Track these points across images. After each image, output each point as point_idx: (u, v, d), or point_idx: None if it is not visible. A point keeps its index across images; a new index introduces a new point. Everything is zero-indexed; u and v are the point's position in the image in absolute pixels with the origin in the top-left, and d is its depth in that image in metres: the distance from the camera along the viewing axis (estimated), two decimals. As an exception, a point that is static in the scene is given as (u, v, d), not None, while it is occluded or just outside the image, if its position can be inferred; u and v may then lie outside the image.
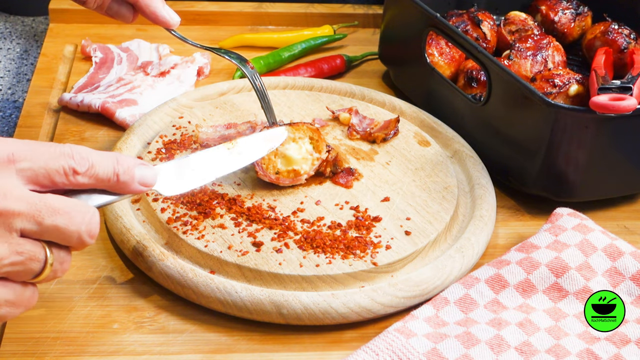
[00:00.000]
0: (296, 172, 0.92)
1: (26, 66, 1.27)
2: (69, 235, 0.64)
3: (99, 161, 0.66)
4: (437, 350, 0.76)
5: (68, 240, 0.64)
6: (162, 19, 0.94)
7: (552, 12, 1.25)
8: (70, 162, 0.64)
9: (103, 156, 0.67)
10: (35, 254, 0.63)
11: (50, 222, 0.63)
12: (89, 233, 0.65)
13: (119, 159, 0.68)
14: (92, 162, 0.66)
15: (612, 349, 0.79)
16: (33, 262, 0.63)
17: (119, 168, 0.68)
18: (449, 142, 1.05)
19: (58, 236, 0.64)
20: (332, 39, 1.32)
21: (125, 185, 0.69)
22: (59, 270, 0.65)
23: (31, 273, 0.64)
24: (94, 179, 0.66)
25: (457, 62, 1.15)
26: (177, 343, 0.79)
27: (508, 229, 0.98)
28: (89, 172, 0.65)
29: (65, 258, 0.65)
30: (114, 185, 0.68)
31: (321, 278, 0.82)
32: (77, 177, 0.65)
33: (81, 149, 0.66)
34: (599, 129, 0.94)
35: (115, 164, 0.68)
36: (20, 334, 0.77)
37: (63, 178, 0.64)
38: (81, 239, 0.64)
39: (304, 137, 0.93)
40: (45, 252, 0.64)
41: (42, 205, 0.62)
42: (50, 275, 0.65)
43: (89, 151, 0.66)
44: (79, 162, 0.65)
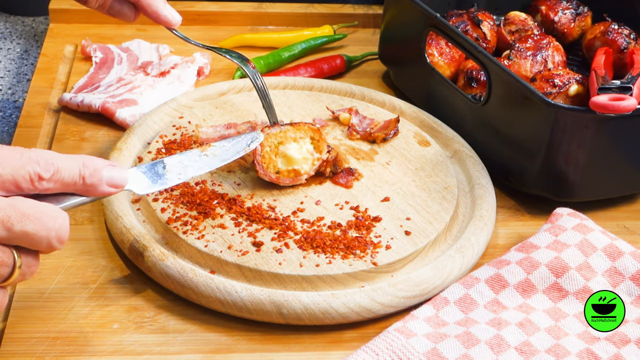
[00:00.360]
0: (296, 171, 0.92)
1: (26, 66, 1.27)
2: (38, 241, 0.64)
3: (65, 166, 0.66)
4: (437, 350, 0.76)
5: (37, 245, 0.64)
6: (164, 18, 0.94)
7: (552, 12, 1.25)
8: (35, 167, 0.64)
9: (69, 160, 0.67)
10: (4, 260, 0.63)
11: (19, 228, 0.62)
12: (58, 238, 0.64)
13: (86, 162, 0.68)
14: (57, 167, 0.65)
15: (612, 349, 0.79)
16: (1, 268, 0.63)
17: (85, 171, 0.67)
18: (449, 142, 1.05)
19: (27, 241, 0.64)
20: (332, 39, 1.32)
21: (93, 188, 0.68)
22: (27, 273, 0.65)
23: (0, 278, 0.64)
24: (60, 183, 0.66)
25: (457, 62, 1.15)
26: (177, 343, 0.79)
27: (508, 229, 0.98)
28: (54, 177, 0.65)
29: (33, 262, 0.65)
30: (80, 189, 0.68)
31: (321, 278, 0.82)
32: (43, 183, 0.65)
33: (47, 153, 0.65)
34: (599, 129, 0.94)
35: (81, 167, 0.67)
36: (20, 334, 0.77)
37: (29, 184, 0.64)
38: (50, 244, 0.64)
39: (305, 137, 0.93)
40: (14, 257, 0.64)
41: (11, 211, 0.62)
42: (18, 278, 0.65)
43: (55, 156, 0.66)
44: (44, 167, 0.65)
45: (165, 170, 0.78)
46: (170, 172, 0.79)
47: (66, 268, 0.85)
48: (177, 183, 0.79)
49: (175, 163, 0.80)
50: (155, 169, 0.78)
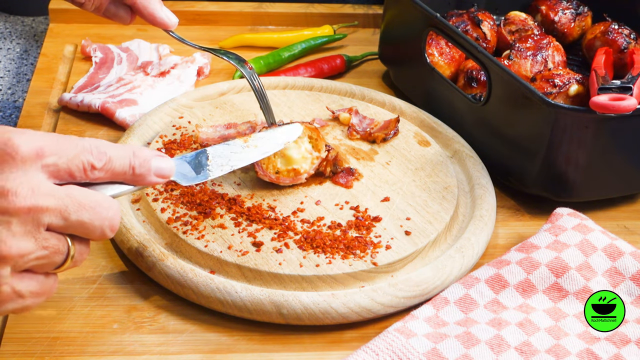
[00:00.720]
0: (296, 171, 0.92)
1: (26, 66, 1.27)
2: (93, 230, 0.65)
3: (116, 155, 0.67)
4: (437, 350, 0.76)
5: (91, 234, 0.66)
6: (160, 20, 0.94)
7: (552, 12, 1.25)
8: (89, 157, 0.65)
9: (120, 150, 0.68)
10: (60, 248, 0.64)
11: (76, 218, 0.64)
12: (110, 228, 0.66)
13: (136, 152, 0.69)
14: (109, 157, 0.67)
15: (612, 349, 0.79)
16: (57, 256, 0.65)
17: (135, 161, 0.69)
18: (449, 142, 1.05)
19: (82, 230, 0.65)
20: (332, 39, 1.32)
21: (142, 178, 0.69)
22: (79, 260, 0.67)
23: (54, 265, 0.65)
24: (111, 172, 0.67)
25: (457, 62, 1.15)
26: (177, 343, 0.79)
27: (508, 229, 0.98)
28: (106, 167, 0.66)
29: (84, 249, 0.67)
30: (130, 178, 0.69)
31: (321, 278, 0.82)
32: (95, 172, 0.66)
33: (100, 143, 0.67)
34: (599, 129, 0.94)
35: (131, 157, 0.68)
36: (20, 334, 0.77)
37: (82, 173, 0.65)
38: (103, 233, 0.66)
39: (303, 136, 0.93)
40: (68, 245, 0.65)
41: (68, 201, 0.63)
42: (70, 266, 0.66)
43: (107, 145, 0.67)
44: (97, 157, 0.66)
45: (209, 160, 0.79)
46: (213, 163, 0.79)
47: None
48: (220, 174, 0.80)
49: (218, 153, 0.80)
50: (198, 159, 0.78)
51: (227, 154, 0.81)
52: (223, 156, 0.80)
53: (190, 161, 0.78)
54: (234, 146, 0.82)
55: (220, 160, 0.80)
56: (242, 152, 0.82)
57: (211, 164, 0.79)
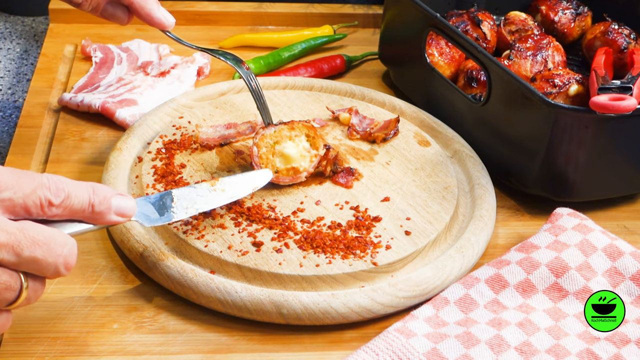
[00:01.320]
0: (295, 169, 0.92)
1: (26, 66, 1.27)
2: (46, 267, 0.64)
3: (75, 192, 0.66)
4: (437, 350, 0.76)
5: (44, 271, 0.64)
6: (157, 21, 0.94)
7: (552, 12, 1.25)
8: (47, 193, 0.64)
9: (79, 187, 0.67)
10: (11, 284, 0.63)
11: (28, 254, 0.63)
12: (65, 265, 0.65)
13: (96, 189, 0.68)
14: (67, 193, 0.65)
15: (612, 349, 0.79)
16: (8, 292, 0.63)
17: (94, 199, 0.67)
18: (449, 142, 1.05)
19: (35, 267, 0.64)
20: (332, 39, 1.32)
21: (101, 216, 0.68)
22: (32, 298, 0.66)
23: (5, 302, 0.64)
24: (69, 210, 0.66)
25: (457, 62, 1.15)
26: (177, 343, 0.79)
27: (508, 229, 0.98)
28: (64, 203, 0.65)
29: (39, 287, 0.66)
30: (89, 216, 0.68)
31: (321, 278, 0.82)
32: (52, 209, 0.65)
33: (58, 179, 0.65)
34: (599, 129, 0.94)
35: (91, 194, 0.67)
36: (20, 334, 0.77)
37: (38, 209, 0.64)
38: (57, 271, 0.65)
39: (300, 134, 0.92)
40: (21, 282, 0.64)
41: (21, 237, 0.62)
42: (23, 303, 0.65)
43: (66, 182, 0.66)
44: (55, 193, 0.65)
45: (173, 202, 0.79)
46: (177, 205, 0.79)
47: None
48: (183, 218, 0.80)
49: (183, 196, 0.80)
50: (163, 200, 0.78)
51: (192, 197, 0.81)
52: (188, 199, 0.80)
53: (155, 202, 0.77)
54: (200, 189, 0.82)
55: (185, 202, 0.80)
56: (209, 195, 0.82)
57: (175, 206, 0.79)
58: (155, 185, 0.91)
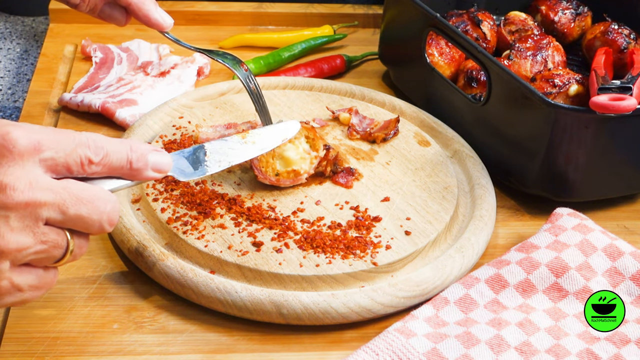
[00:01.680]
0: (296, 172, 0.92)
1: (26, 66, 1.27)
2: (91, 224, 0.65)
3: (113, 150, 0.67)
4: (437, 350, 0.76)
5: (89, 228, 0.65)
6: (155, 22, 0.94)
7: (552, 12, 1.25)
8: (86, 151, 0.65)
9: (117, 144, 0.68)
10: (59, 242, 0.64)
11: (74, 212, 0.64)
12: (109, 222, 0.66)
13: (133, 146, 0.69)
14: (106, 151, 0.66)
15: (612, 349, 0.79)
16: (56, 250, 0.64)
17: (132, 155, 0.68)
18: (449, 142, 1.05)
19: (81, 225, 0.65)
20: (332, 39, 1.32)
21: (139, 172, 0.69)
22: (78, 254, 0.67)
23: (53, 259, 0.65)
24: (108, 167, 0.67)
25: (457, 62, 1.15)
26: (177, 343, 0.79)
27: (508, 229, 0.98)
28: (104, 161, 0.66)
29: (83, 243, 0.67)
30: (127, 173, 0.69)
31: (321, 278, 0.82)
32: (92, 167, 0.66)
33: (97, 137, 0.66)
34: (599, 129, 0.94)
35: (129, 151, 0.68)
36: (20, 334, 0.77)
37: (79, 167, 0.65)
38: (102, 227, 0.66)
39: (300, 136, 0.92)
40: (67, 239, 0.65)
41: (66, 195, 0.63)
42: (69, 259, 0.66)
43: (105, 139, 0.67)
44: (95, 151, 0.66)
45: (206, 156, 0.79)
46: (210, 158, 0.79)
47: (66, 268, 0.85)
48: (217, 170, 0.79)
49: (215, 149, 0.80)
50: (196, 154, 0.78)
51: (224, 150, 0.81)
52: (221, 152, 0.80)
53: (188, 156, 0.77)
54: (232, 142, 0.82)
55: (218, 156, 0.80)
56: (240, 148, 0.82)
57: (209, 160, 0.79)
58: (156, 185, 0.91)
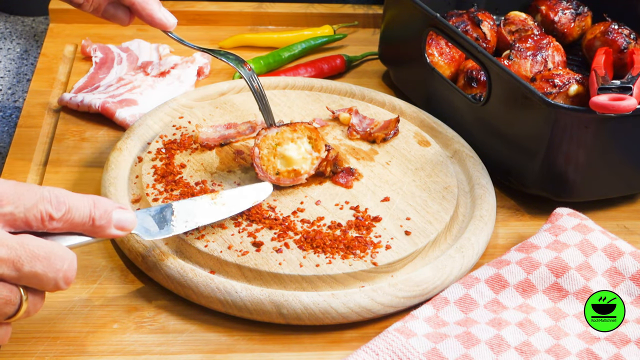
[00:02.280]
0: (296, 172, 0.92)
1: (26, 66, 1.27)
2: (46, 282, 0.64)
3: (76, 205, 0.66)
4: (437, 350, 0.76)
5: (44, 285, 0.64)
6: (159, 21, 0.94)
7: (552, 12, 1.25)
8: (48, 207, 0.64)
9: (80, 200, 0.67)
10: (11, 299, 0.63)
11: (29, 269, 0.63)
12: (65, 280, 0.65)
13: (96, 203, 0.68)
14: (68, 207, 0.65)
15: (612, 349, 0.79)
16: (7, 307, 0.64)
17: (95, 212, 0.67)
18: (449, 142, 1.05)
19: (35, 282, 0.64)
20: (332, 39, 1.32)
21: (101, 230, 0.68)
22: (32, 311, 0.66)
23: (4, 315, 0.64)
24: (69, 223, 0.66)
25: (457, 62, 1.15)
26: (177, 343, 0.79)
27: (508, 229, 0.98)
28: (65, 217, 0.65)
29: (38, 301, 0.66)
30: (89, 229, 0.68)
31: (321, 278, 0.82)
32: (53, 223, 0.65)
33: (59, 192, 0.65)
34: (599, 129, 0.94)
35: (92, 207, 0.67)
36: (20, 334, 0.77)
37: (39, 223, 0.64)
38: (57, 285, 0.65)
39: (302, 136, 0.93)
40: (21, 296, 0.64)
41: (22, 251, 0.62)
42: (22, 316, 0.65)
43: (67, 195, 0.66)
44: (56, 207, 0.65)
45: (173, 216, 0.79)
46: (177, 218, 0.80)
47: (66, 268, 0.85)
48: (183, 231, 0.81)
49: (183, 209, 0.81)
50: (163, 213, 0.79)
51: (193, 210, 0.81)
52: (188, 212, 0.81)
53: (154, 215, 0.78)
54: (201, 202, 0.83)
55: (186, 216, 0.80)
56: (209, 208, 0.83)
57: (175, 220, 0.79)
58: (155, 185, 0.91)
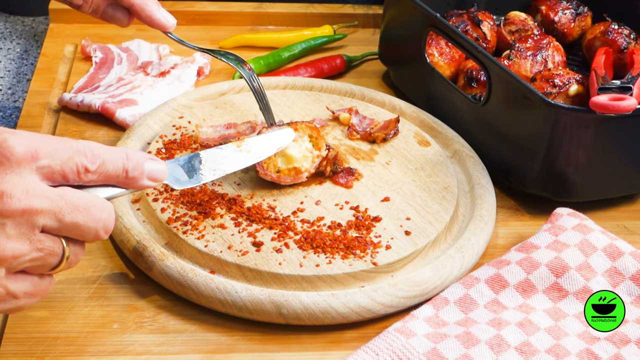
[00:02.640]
0: (297, 170, 0.92)
1: (26, 66, 1.27)
2: (87, 232, 0.65)
3: (109, 158, 0.67)
4: (437, 350, 0.76)
5: (85, 236, 0.66)
6: (158, 22, 0.94)
7: (552, 12, 1.25)
8: (83, 160, 0.65)
9: (113, 152, 0.68)
10: (54, 250, 0.64)
11: (70, 220, 0.64)
12: (105, 229, 0.66)
13: (129, 155, 0.69)
14: (103, 160, 0.66)
15: (612, 349, 0.79)
16: (52, 257, 0.65)
17: (128, 164, 0.68)
18: (449, 142, 1.05)
19: (76, 232, 0.65)
20: (332, 39, 1.32)
21: (134, 181, 0.69)
22: (74, 262, 0.67)
23: (49, 267, 0.65)
24: (104, 175, 0.67)
25: (457, 62, 1.15)
26: (177, 343, 0.79)
27: (508, 229, 0.98)
28: (100, 170, 0.66)
29: (79, 251, 0.67)
30: (123, 181, 0.69)
31: (321, 278, 0.82)
32: (88, 175, 0.66)
33: (93, 145, 0.66)
34: (599, 129, 0.94)
35: (125, 159, 0.68)
36: (20, 334, 0.77)
37: (75, 176, 0.65)
38: (97, 235, 0.66)
39: (303, 135, 0.93)
40: (63, 247, 0.65)
41: (63, 203, 0.63)
42: (65, 267, 0.66)
43: (101, 148, 0.67)
44: (91, 159, 0.66)
45: (202, 165, 0.79)
46: (205, 167, 0.80)
47: (66, 268, 0.85)
48: (212, 179, 0.80)
49: (211, 157, 0.81)
50: (191, 162, 0.79)
51: (219, 158, 0.81)
52: (216, 160, 0.81)
53: (183, 165, 0.78)
54: (227, 150, 0.83)
55: (213, 164, 0.80)
56: (235, 156, 0.83)
57: (204, 168, 0.79)
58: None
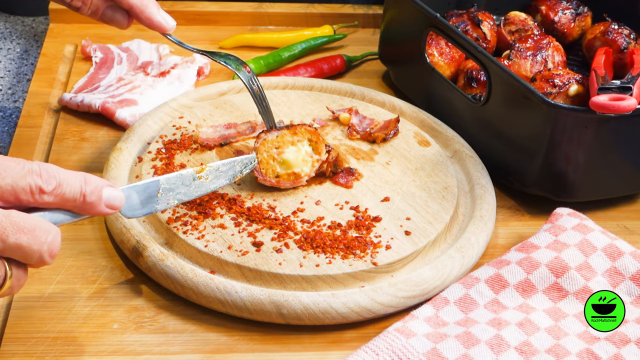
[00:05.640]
0: (296, 174, 0.92)
1: (26, 66, 1.27)
2: (31, 254, 0.64)
3: (66, 180, 0.66)
4: (437, 350, 0.76)
5: (29, 259, 0.64)
6: (158, 24, 0.94)
7: (552, 12, 1.25)
8: (37, 180, 0.64)
9: (71, 175, 0.66)
10: None
11: (13, 241, 0.63)
12: (49, 253, 0.65)
13: (87, 179, 0.68)
14: (59, 181, 0.65)
15: (612, 349, 0.79)
16: None
17: (86, 188, 0.67)
18: (449, 142, 1.05)
19: (20, 254, 0.64)
20: (332, 39, 1.32)
21: (92, 207, 0.68)
22: (16, 287, 0.66)
23: None
24: (60, 198, 0.66)
25: (457, 62, 1.15)
26: (177, 343, 0.79)
27: (508, 229, 0.98)
28: (55, 191, 0.65)
29: (22, 275, 0.66)
30: (79, 206, 0.67)
31: (321, 278, 0.82)
32: (43, 196, 0.65)
33: (50, 167, 0.65)
34: (599, 129, 0.94)
35: (82, 183, 0.67)
36: (20, 334, 0.77)
37: (29, 196, 0.64)
38: (41, 258, 0.65)
39: (303, 139, 0.92)
40: (5, 269, 0.64)
41: (7, 223, 0.62)
42: (6, 292, 0.65)
43: (58, 170, 0.66)
44: (47, 180, 0.65)
45: (159, 193, 0.79)
46: (162, 195, 0.79)
47: (66, 268, 0.85)
48: (165, 208, 0.81)
49: (170, 184, 0.80)
50: (149, 190, 0.78)
51: (177, 186, 0.81)
52: (173, 189, 0.80)
53: (140, 192, 0.77)
54: (186, 176, 0.82)
55: (170, 193, 0.80)
56: (192, 184, 0.82)
57: (160, 197, 0.79)
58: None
